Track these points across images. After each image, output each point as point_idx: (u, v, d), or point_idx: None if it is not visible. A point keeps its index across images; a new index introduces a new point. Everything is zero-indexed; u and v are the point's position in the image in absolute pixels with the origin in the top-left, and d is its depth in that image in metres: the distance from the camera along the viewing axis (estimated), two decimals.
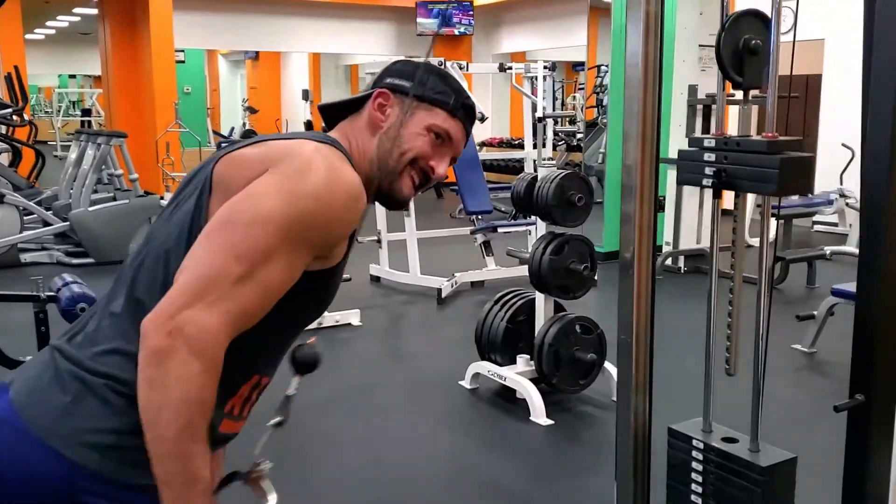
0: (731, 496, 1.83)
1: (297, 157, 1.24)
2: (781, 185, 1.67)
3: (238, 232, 1.17)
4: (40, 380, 1.26)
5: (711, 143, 1.82)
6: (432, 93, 1.40)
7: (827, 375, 4.51)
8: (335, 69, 18.73)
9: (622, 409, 1.73)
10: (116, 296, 1.30)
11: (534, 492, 3.19)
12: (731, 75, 1.77)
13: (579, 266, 3.78)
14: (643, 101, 1.60)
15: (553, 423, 3.75)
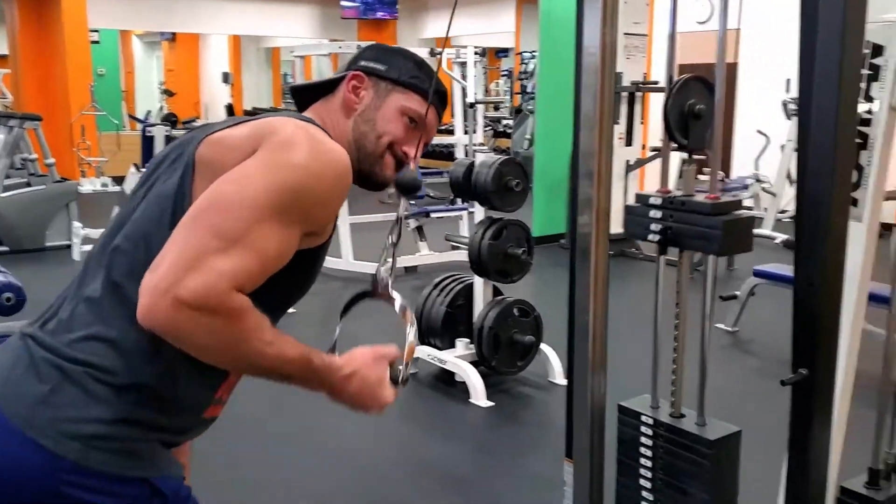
0: (680, 469, 1.92)
1: (283, 135, 1.24)
2: (724, 246, 1.79)
3: (220, 213, 1.17)
4: (14, 369, 1.23)
5: (658, 201, 1.90)
6: (407, 77, 1.42)
7: (750, 353, 4.70)
8: (256, 52, 18.41)
9: (579, 388, 1.79)
10: (89, 280, 1.28)
11: (478, 472, 3.26)
12: (678, 138, 1.87)
13: (517, 250, 3.86)
14: (601, 87, 1.65)
15: (493, 404, 3.82)
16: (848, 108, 1.58)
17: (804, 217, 1.69)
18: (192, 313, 1.11)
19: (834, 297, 1.64)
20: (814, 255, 1.63)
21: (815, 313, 1.63)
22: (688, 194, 1.89)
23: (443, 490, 3.15)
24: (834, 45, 1.55)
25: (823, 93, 1.58)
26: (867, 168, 1.86)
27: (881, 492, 2.05)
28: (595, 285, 1.75)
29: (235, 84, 16.83)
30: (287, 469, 3.24)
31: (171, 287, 1.11)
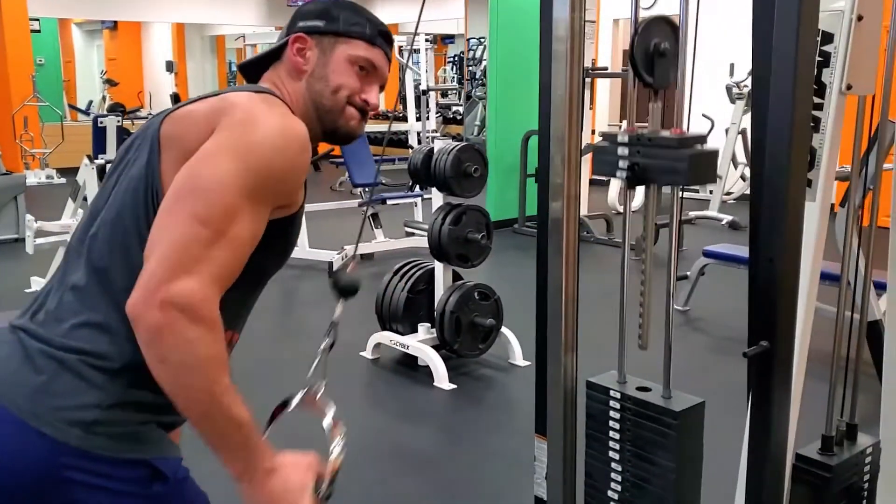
0: (647, 440, 2.00)
1: (241, 110, 1.24)
2: (691, 177, 1.84)
3: (200, 198, 1.18)
4: (9, 362, 1.24)
5: (625, 139, 1.96)
6: (347, 25, 1.41)
7: (701, 330, 4.84)
8: (201, 40, 18.15)
9: (553, 368, 1.86)
10: (72, 270, 1.30)
11: (444, 453, 3.33)
12: (644, 77, 1.92)
13: (477, 235, 3.92)
14: (570, 72, 1.71)
15: (455, 387, 3.89)
16: (803, 92, 1.67)
17: (764, 197, 1.77)
18: (178, 318, 1.12)
19: (792, 273, 1.73)
20: (773, 233, 1.71)
21: (775, 288, 1.72)
22: (654, 131, 1.94)
23: (412, 470, 3.21)
24: (790, 34, 1.63)
25: (781, 79, 1.66)
26: (820, 150, 1.96)
27: (834, 457, 2.14)
28: (567, 268, 1.83)
29: (180, 73, 16.60)
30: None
31: (162, 285, 1.13)
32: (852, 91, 1.92)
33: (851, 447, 2.13)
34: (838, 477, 2.05)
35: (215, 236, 1.17)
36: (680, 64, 1.91)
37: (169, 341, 1.13)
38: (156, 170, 1.26)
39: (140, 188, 1.26)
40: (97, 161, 5.25)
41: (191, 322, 1.13)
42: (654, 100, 1.99)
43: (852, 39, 1.89)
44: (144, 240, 1.21)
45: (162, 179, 1.25)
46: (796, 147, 1.67)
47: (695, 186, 9.29)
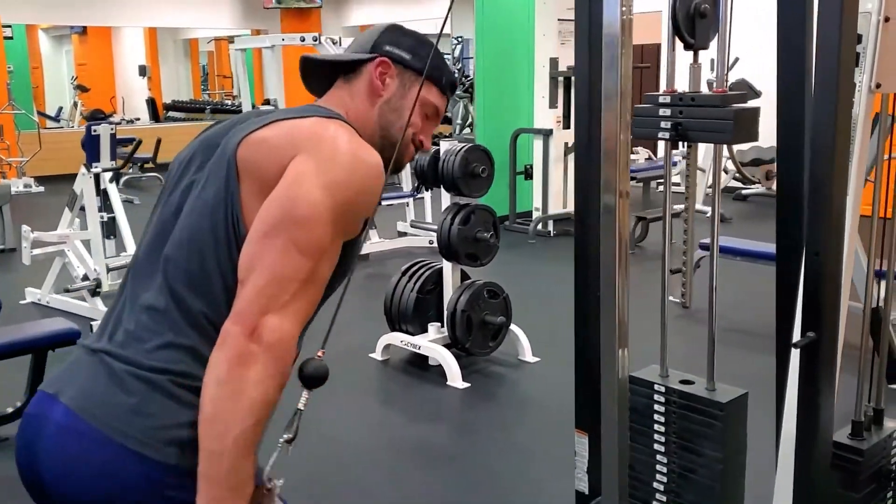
0: (694, 432, 2.06)
1: (325, 142, 1.26)
2: (735, 135, 1.88)
3: (298, 226, 1.20)
4: (96, 384, 1.25)
5: (667, 100, 2.00)
6: (431, 69, 1.44)
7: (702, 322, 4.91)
8: (174, 43, 18.00)
9: (608, 363, 1.90)
10: (143, 289, 1.30)
11: (462, 449, 3.37)
12: (685, 37, 1.95)
13: (486, 234, 3.97)
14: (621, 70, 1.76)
15: (469, 385, 3.93)
16: (846, 91, 1.73)
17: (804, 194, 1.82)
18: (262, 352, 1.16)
19: (836, 265, 1.79)
20: (819, 228, 1.77)
21: (821, 281, 1.78)
22: (695, 90, 1.99)
23: (430, 467, 3.25)
24: (833, 36, 1.69)
25: (825, 79, 1.72)
26: (852, 145, 2.02)
27: (864, 441, 2.21)
28: (619, 263, 1.87)
29: (153, 77, 16.45)
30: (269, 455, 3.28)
31: (258, 315, 1.16)
32: (881, 89, 1.99)
33: (879, 431, 2.20)
34: (869, 460, 2.11)
35: (311, 273, 1.20)
36: (721, 24, 1.96)
37: (241, 371, 1.15)
38: (235, 196, 1.26)
39: (219, 213, 1.27)
40: (94, 169, 5.22)
41: (271, 360, 1.16)
42: (695, 61, 2.04)
43: (880, 40, 1.96)
44: (223, 264, 1.24)
45: (242, 207, 1.26)
46: (840, 145, 1.73)
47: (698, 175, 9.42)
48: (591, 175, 2.17)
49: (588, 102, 2.13)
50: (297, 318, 1.20)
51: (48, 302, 5.36)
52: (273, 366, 1.17)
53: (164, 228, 1.33)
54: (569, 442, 3.22)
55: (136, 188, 10.83)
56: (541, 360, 4.20)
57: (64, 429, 1.23)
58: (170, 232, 1.32)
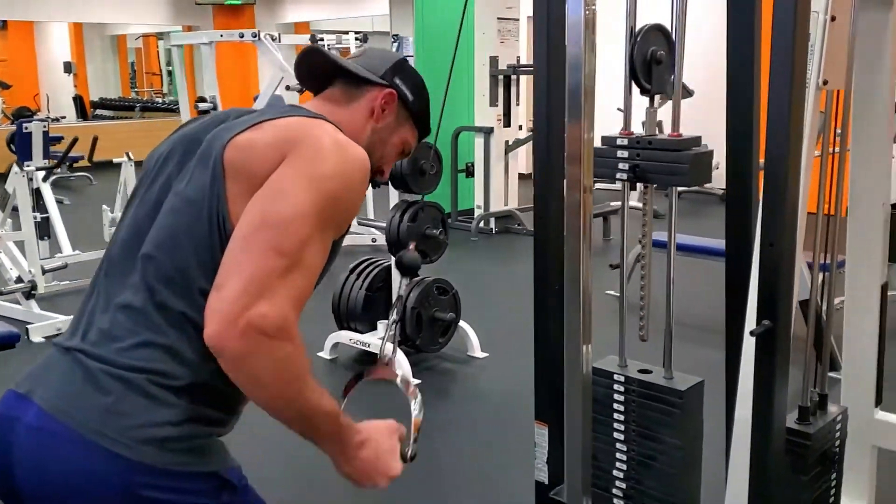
0: (654, 419, 2.12)
1: (312, 143, 1.28)
2: (692, 178, 1.98)
3: (277, 230, 1.21)
4: (70, 384, 1.24)
5: (624, 142, 2.07)
6: (421, 114, 1.54)
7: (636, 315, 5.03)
8: (101, 40, 17.54)
9: (572, 358, 1.93)
10: (118, 286, 1.29)
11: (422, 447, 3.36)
12: (642, 83, 2.03)
13: (435, 231, 3.99)
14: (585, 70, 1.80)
15: (420, 381, 3.96)
16: (799, 87, 1.80)
17: (753, 188, 1.89)
18: (263, 339, 1.16)
19: (790, 255, 1.86)
20: (775, 220, 1.84)
21: (777, 270, 1.85)
22: (651, 134, 2.06)
23: None
24: (788, 35, 1.76)
25: (779, 81, 1.79)
26: None
27: (811, 425, 2.30)
28: (584, 260, 1.91)
29: (79, 74, 16.01)
30: None
31: (242, 313, 1.15)
32: (828, 86, 2.07)
33: (824, 416, 2.28)
34: (816, 444, 2.19)
35: (292, 265, 1.21)
36: (676, 70, 2.04)
37: (257, 364, 1.18)
38: (221, 195, 1.26)
39: (203, 212, 1.26)
40: (27, 168, 5.08)
41: (273, 342, 1.17)
42: (651, 105, 2.11)
43: (827, 38, 2.04)
44: (205, 263, 1.24)
45: (229, 207, 1.26)
46: (794, 140, 1.80)
47: None
48: (550, 172, 2.21)
49: (547, 100, 2.17)
50: (286, 300, 1.20)
51: None
52: (279, 345, 1.18)
53: (141, 226, 1.32)
54: (521, 434, 3.28)
55: (65, 188, 10.53)
56: (489, 356, 4.24)
57: (37, 429, 1.22)
58: (147, 229, 1.30)
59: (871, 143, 2.51)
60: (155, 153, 1.40)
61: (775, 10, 1.78)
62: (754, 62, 2.08)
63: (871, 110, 2.47)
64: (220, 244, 1.24)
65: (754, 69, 2.08)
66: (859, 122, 2.44)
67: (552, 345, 2.27)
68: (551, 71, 2.16)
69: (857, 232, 2.60)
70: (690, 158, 1.96)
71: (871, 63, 2.43)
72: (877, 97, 2.47)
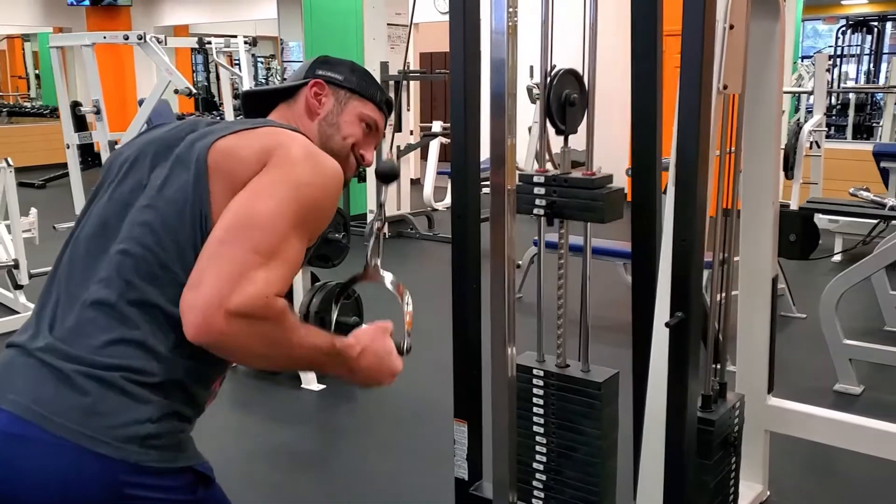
0: (572, 411, 2.19)
1: (290, 150, 1.33)
2: (607, 214, 2.08)
3: (255, 230, 1.24)
4: (43, 387, 1.22)
5: (541, 180, 2.16)
6: (363, 86, 1.57)
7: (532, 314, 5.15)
8: None
9: (498, 358, 1.98)
10: (84, 283, 1.29)
11: (328, 448, 3.38)
12: (558, 124, 2.13)
13: (337, 235, 3.98)
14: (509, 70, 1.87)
15: (324, 386, 3.94)
16: (707, 94, 1.91)
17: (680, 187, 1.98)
18: (245, 321, 1.19)
19: (700, 251, 1.97)
20: (685, 219, 1.94)
21: (688, 265, 1.95)
22: (565, 172, 2.15)
23: (301, 468, 3.25)
24: (697, 45, 1.87)
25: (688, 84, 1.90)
26: None
27: (714, 412, 2.42)
28: (507, 263, 1.96)
29: None
30: None
31: (222, 302, 1.18)
32: (728, 90, 2.20)
33: (724, 403, 2.41)
34: (718, 429, 2.32)
35: (269, 261, 1.24)
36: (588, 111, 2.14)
37: (249, 343, 1.21)
38: (204, 196, 1.30)
39: (185, 210, 1.29)
40: None
41: (260, 320, 1.20)
42: (566, 144, 2.19)
43: (726, 45, 2.17)
44: (186, 260, 1.25)
45: (211, 206, 1.29)
46: (702, 141, 1.91)
47: None
48: (468, 176, 2.25)
49: (464, 105, 2.21)
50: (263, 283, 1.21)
51: None
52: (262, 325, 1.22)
53: (108, 224, 1.33)
54: (432, 432, 3.32)
55: None
56: None
57: (12, 437, 1.19)
58: (116, 227, 1.32)
59: (761, 144, 2.68)
60: (119, 156, 1.43)
61: (685, 18, 1.88)
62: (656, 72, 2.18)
63: (760, 113, 2.64)
64: (201, 241, 1.27)
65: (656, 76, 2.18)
66: (750, 124, 2.60)
67: (470, 344, 2.31)
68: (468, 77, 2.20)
69: (749, 228, 2.76)
70: (605, 196, 2.07)
71: (761, 69, 2.59)
72: (765, 101, 2.64)
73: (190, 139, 1.37)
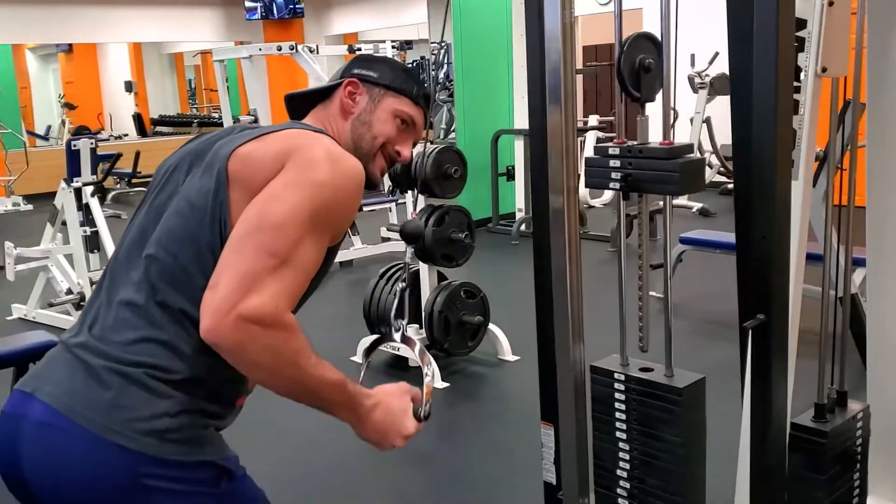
0: (654, 418, 2.08)
1: (308, 151, 1.35)
2: (682, 186, 1.94)
3: (269, 233, 1.27)
4: (74, 380, 1.30)
5: (616, 151, 2.04)
6: (398, 82, 1.55)
7: (681, 316, 4.93)
8: (159, 58, 18.01)
9: (562, 357, 1.92)
10: (121, 285, 1.36)
11: (442, 448, 3.39)
12: (631, 91, 2.00)
13: (460, 234, 3.99)
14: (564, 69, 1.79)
15: (448, 385, 3.96)
16: (786, 78, 1.76)
17: (752, 179, 1.85)
18: (255, 329, 1.22)
19: (784, 247, 1.82)
20: (765, 211, 1.80)
21: (769, 263, 1.80)
22: (643, 142, 2.02)
23: (411, 467, 3.27)
24: (771, 23, 1.72)
25: (763, 66, 1.75)
26: (800, 130, 2.05)
27: (827, 423, 2.23)
28: (570, 258, 1.89)
29: (139, 92, 16.47)
30: (253, 461, 3.30)
31: (234, 307, 1.21)
32: (827, 73, 2.02)
33: (843, 413, 2.22)
34: (832, 442, 2.13)
35: (282, 263, 1.26)
36: (664, 78, 2.01)
37: (254, 350, 1.23)
38: (224, 202, 1.33)
39: (206, 216, 1.33)
40: (74, 184, 5.24)
41: (268, 329, 1.22)
42: (642, 113, 2.08)
43: (825, 24, 1.99)
44: (206, 264, 1.30)
45: (231, 213, 1.33)
46: (782, 129, 1.76)
47: None
48: (545, 172, 2.18)
49: (541, 103, 2.14)
50: (277, 293, 1.25)
51: (34, 317, 5.37)
52: (274, 332, 1.23)
53: (146, 229, 1.39)
54: None
55: (124, 203, 10.84)
56: (521, 359, 4.22)
57: (43, 425, 1.28)
58: (151, 232, 1.38)
59: (887, 132, 2.43)
60: (164, 165, 1.49)
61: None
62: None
63: (884, 97, 2.39)
64: (220, 246, 1.31)
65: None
66: (873, 110, 2.37)
67: (552, 345, 2.24)
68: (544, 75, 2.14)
69: (876, 223, 2.52)
70: (680, 167, 1.93)
71: (886, 47, 2.35)
72: (890, 83, 2.39)
73: (217, 146, 1.41)
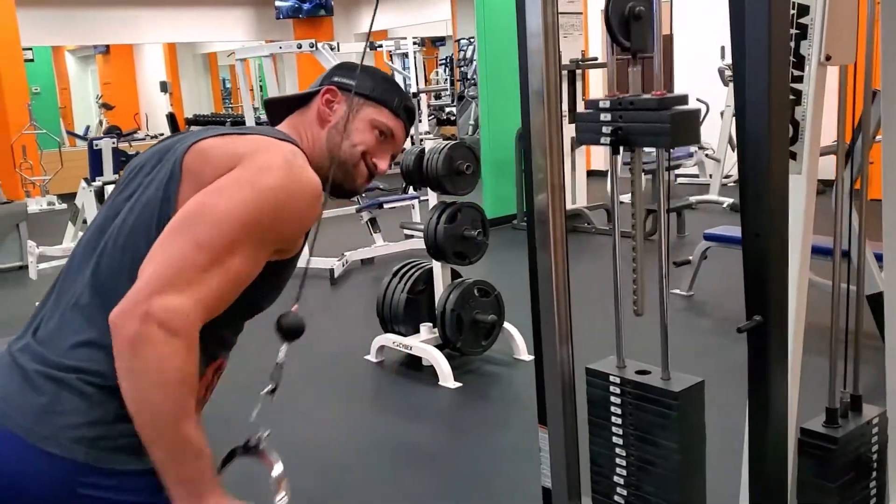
0: (649, 422, 2.00)
1: (262, 156, 1.29)
2: (674, 138, 1.82)
3: (205, 225, 1.21)
4: (10, 386, 1.26)
5: (606, 104, 1.94)
6: (377, 92, 1.50)
7: (705, 314, 4.83)
8: (193, 58, 18.18)
9: (549, 358, 1.85)
10: (71, 289, 1.31)
11: (453, 449, 3.34)
12: (620, 40, 1.89)
13: (473, 232, 3.92)
14: (546, 66, 1.72)
15: (461, 385, 3.90)
16: (779, 66, 1.66)
17: (747, 171, 1.77)
18: (156, 331, 1.13)
19: (780, 246, 1.73)
20: (759, 207, 1.71)
21: (764, 262, 1.71)
22: (635, 94, 1.93)
23: (421, 468, 3.22)
24: (763, 9, 1.63)
25: (756, 52, 1.66)
26: (802, 122, 1.96)
27: (839, 429, 2.14)
28: (555, 257, 1.82)
29: (174, 92, 16.65)
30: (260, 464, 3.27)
31: (149, 298, 1.14)
32: (831, 62, 1.92)
33: (857, 418, 2.13)
34: (844, 448, 2.04)
35: (211, 264, 1.20)
36: (657, 26, 1.90)
37: (142, 353, 1.14)
38: (172, 198, 1.29)
39: (154, 213, 1.29)
40: (95, 184, 5.28)
41: (168, 336, 1.14)
42: (634, 64, 1.98)
43: (828, 10, 1.89)
44: None
45: (178, 205, 1.27)
46: (775, 120, 1.67)
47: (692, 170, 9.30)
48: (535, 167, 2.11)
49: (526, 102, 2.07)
50: (194, 299, 1.17)
51: None
52: (172, 341, 1.14)
53: (103, 227, 1.35)
54: None
55: None
56: None
57: None
58: (106, 231, 1.33)
59: None
60: (132, 163, 1.44)
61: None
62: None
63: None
64: None
65: None
66: (889, 99, 2.26)
67: None
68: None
69: (894, 217, 2.41)
70: (671, 118, 1.81)
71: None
72: None
73: (181, 141, 1.36)
